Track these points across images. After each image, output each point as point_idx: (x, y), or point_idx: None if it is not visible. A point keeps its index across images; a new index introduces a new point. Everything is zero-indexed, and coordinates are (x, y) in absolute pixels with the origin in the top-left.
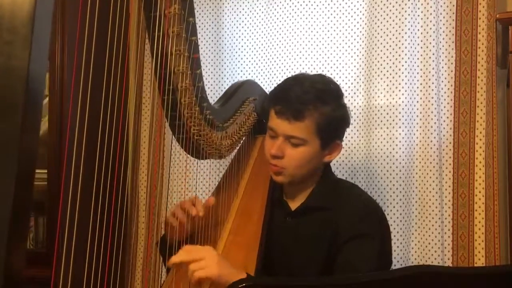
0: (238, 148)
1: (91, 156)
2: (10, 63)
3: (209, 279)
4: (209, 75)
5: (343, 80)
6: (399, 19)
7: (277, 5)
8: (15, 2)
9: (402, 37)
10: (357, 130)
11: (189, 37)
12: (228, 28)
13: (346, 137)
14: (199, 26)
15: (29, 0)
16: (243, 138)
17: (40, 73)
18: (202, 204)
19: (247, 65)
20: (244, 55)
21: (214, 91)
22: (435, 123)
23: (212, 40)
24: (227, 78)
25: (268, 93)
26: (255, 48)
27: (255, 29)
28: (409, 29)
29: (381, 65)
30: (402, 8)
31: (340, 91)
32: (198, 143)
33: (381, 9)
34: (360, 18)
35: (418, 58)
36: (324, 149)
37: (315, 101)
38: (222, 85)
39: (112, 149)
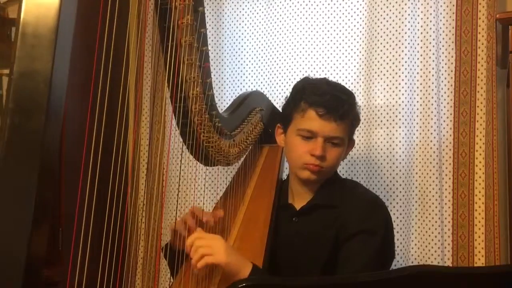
0: (245, 156)
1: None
2: (34, 66)
3: (217, 265)
4: None
5: (343, 80)
6: (399, 19)
7: (277, 6)
8: (40, 8)
9: (402, 37)
10: (357, 130)
11: (201, 47)
12: (228, 29)
13: None
14: None
15: (54, 6)
16: (250, 147)
17: (63, 75)
18: (211, 214)
19: (247, 65)
20: (244, 55)
21: (214, 91)
22: (435, 123)
23: (213, 41)
24: (227, 78)
25: (273, 103)
26: (255, 49)
27: (255, 30)
28: (409, 29)
29: (381, 65)
30: (402, 8)
31: None
32: (207, 150)
33: (381, 9)
34: (360, 18)
35: (418, 58)
36: (347, 147)
37: (353, 102)
38: (222, 85)
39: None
